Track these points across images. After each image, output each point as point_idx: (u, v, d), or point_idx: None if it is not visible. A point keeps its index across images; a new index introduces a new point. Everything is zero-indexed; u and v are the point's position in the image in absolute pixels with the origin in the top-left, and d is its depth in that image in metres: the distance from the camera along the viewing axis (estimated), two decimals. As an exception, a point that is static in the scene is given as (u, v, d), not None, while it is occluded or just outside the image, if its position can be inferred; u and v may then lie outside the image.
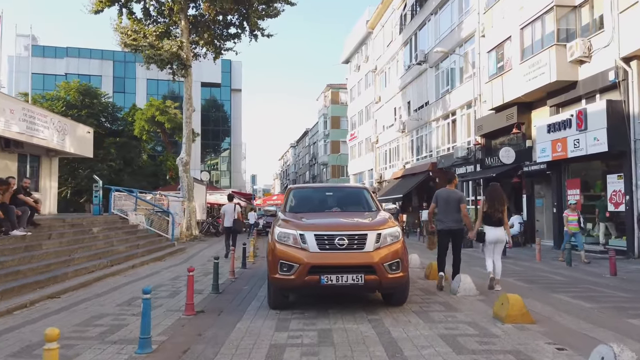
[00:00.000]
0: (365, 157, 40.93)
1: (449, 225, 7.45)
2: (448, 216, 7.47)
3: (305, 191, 7.55)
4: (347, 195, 7.54)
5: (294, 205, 7.15)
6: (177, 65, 22.77)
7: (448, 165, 23.40)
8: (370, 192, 7.39)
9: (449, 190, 7.64)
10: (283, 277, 5.62)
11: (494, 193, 7.46)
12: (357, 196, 7.47)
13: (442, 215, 7.58)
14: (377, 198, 9.26)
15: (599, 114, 12.66)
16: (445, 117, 24.50)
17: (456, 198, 7.52)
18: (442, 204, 7.56)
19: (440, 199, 7.58)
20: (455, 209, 7.48)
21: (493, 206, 7.33)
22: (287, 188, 7.10)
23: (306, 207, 7.10)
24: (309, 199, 7.42)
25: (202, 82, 49.62)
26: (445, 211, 7.53)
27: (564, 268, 10.65)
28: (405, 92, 30.53)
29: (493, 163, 18.57)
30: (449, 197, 7.51)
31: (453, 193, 7.61)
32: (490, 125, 18.81)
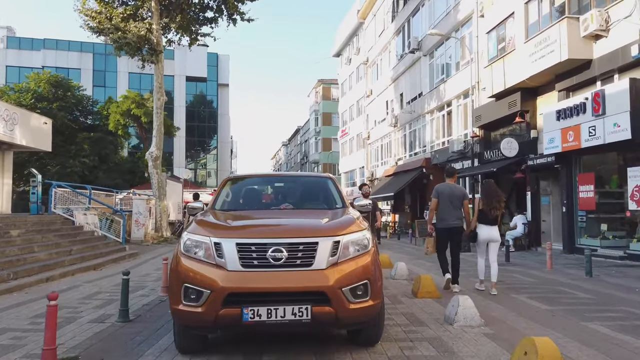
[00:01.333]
0: (356, 154, 38.99)
1: (450, 223, 6.96)
2: (450, 213, 6.97)
3: (247, 182, 5.58)
4: (304, 188, 5.55)
5: (229, 200, 5.17)
6: (146, 51, 20.80)
7: (443, 161, 21.48)
8: (336, 182, 5.42)
9: (452, 185, 7.11)
10: (187, 309, 3.65)
11: (490, 190, 7.10)
12: (318, 188, 5.49)
13: (444, 212, 7.01)
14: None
15: (620, 96, 10.75)
16: (440, 108, 22.59)
17: (459, 194, 7.04)
18: (444, 200, 6.98)
19: (443, 194, 6.99)
20: (458, 205, 6.99)
21: (490, 204, 6.90)
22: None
23: (245, 203, 5.12)
24: (251, 192, 5.42)
25: (187, 77, 47.56)
26: (447, 208, 6.97)
27: (583, 279, 8.71)
28: (397, 83, 28.62)
29: (493, 157, 16.66)
30: (452, 192, 6.98)
31: (456, 188, 7.10)
32: (489, 114, 16.89)
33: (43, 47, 45.06)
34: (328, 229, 3.93)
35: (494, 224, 7.01)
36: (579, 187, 12.91)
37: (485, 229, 6.98)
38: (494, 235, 7.01)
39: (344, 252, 3.79)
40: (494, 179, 17.76)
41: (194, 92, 49.06)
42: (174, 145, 46.81)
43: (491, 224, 6.99)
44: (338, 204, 5.06)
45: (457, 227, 7.03)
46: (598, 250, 11.89)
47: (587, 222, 12.98)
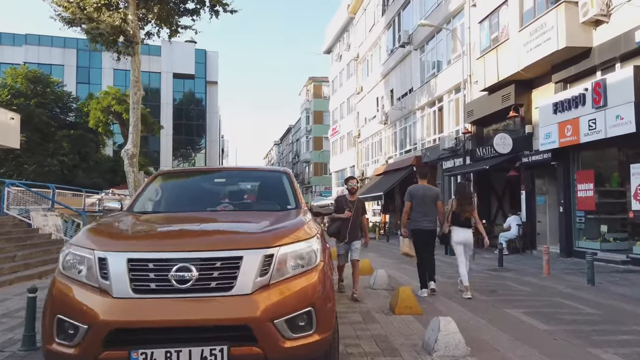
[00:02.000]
0: (347, 153, 38.03)
1: (423, 225, 6.84)
2: (423, 215, 6.86)
3: (182, 177, 4.56)
4: (252, 185, 4.55)
5: (155, 200, 4.15)
6: (122, 43, 19.71)
7: (434, 159, 20.57)
8: (292, 178, 4.42)
9: (425, 187, 7.03)
10: (60, 349, 2.64)
11: (462, 191, 7.12)
12: (269, 185, 4.49)
13: (417, 214, 6.87)
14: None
15: (623, 85, 9.84)
16: (431, 104, 21.66)
17: (433, 195, 6.92)
18: (418, 202, 6.89)
19: (416, 196, 6.90)
20: (432, 207, 6.89)
21: (462, 205, 6.87)
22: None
23: (173, 203, 4.11)
24: (184, 190, 4.39)
25: (175, 73, 46.41)
26: (420, 210, 6.86)
27: (585, 288, 7.78)
28: (387, 79, 27.68)
29: (485, 154, 15.73)
30: (425, 194, 6.90)
31: (429, 190, 7.00)
32: (482, 109, 15.97)
33: (25, 42, 43.75)
34: (259, 238, 2.93)
35: (468, 226, 6.95)
36: (577, 185, 12.00)
37: (460, 231, 6.89)
38: (466, 237, 6.93)
39: (279, 269, 2.81)
40: (485, 176, 16.90)
41: (182, 89, 47.91)
42: (161, 143, 45.66)
43: (465, 226, 6.92)
44: (291, 204, 4.06)
45: (431, 230, 6.91)
46: (598, 253, 10.98)
47: (586, 223, 12.08)
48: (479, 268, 10.66)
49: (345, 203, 6.84)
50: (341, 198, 6.99)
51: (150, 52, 46.27)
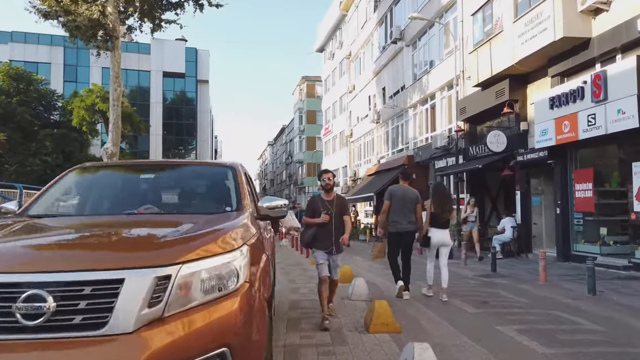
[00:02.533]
0: (339, 153, 37.30)
1: (402, 227, 6.74)
2: (403, 217, 6.77)
3: (101, 173, 3.76)
4: (187, 182, 3.74)
5: (64, 200, 3.38)
6: (101, 37, 18.90)
7: (426, 158, 19.85)
8: (240, 174, 3.65)
9: (405, 188, 6.95)
10: None
11: (441, 193, 7.11)
12: (206, 183, 3.71)
13: (396, 215, 6.78)
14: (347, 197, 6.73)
15: (625, 77, 9.12)
16: (424, 102, 20.94)
17: (413, 197, 6.84)
18: (397, 203, 6.77)
19: (396, 197, 6.80)
20: (411, 209, 6.80)
21: (441, 207, 6.84)
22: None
23: (82, 205, 3.33)
24: (100, 188, 3.57)
25: (165, 72, 45.47)
26: (399, 211, 6.76)
27: (585, 298, 7.04)
28: (380, 77, 26.96)
29: (479, 153, 15.01)
30: (406, 195, 6.82)
31: (409, 192, 6.89)
32: (475, 106, 15.25)
33: (10, 40, 42.76)
34: (151, 253, 2.16)
35: (445, 227, 6.93)
36: (575, 185, 11.29)
37: (437, 232, 6.82)
38: (446, 239, 6.91)
39: (180, 295, 2.05)
40: (478, 176, 16.17)
41: (172, 88, 46.99)
42: (150, 143, 44.75)
43: (443, 228, 6.88)
44: (231, 206, 3.29)
45: (409, 231, 6.80)
46: (598, 258, 10.25)
47: (585, 225, 11.37)
48: (471, 274, 9.93)
49: (321, 204, 5.42)
50: (316, 199, 5.56)
51: (139, 50, 45.46)
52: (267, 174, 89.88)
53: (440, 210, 6.80)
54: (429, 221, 6.88)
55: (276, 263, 12.52)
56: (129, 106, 30.31)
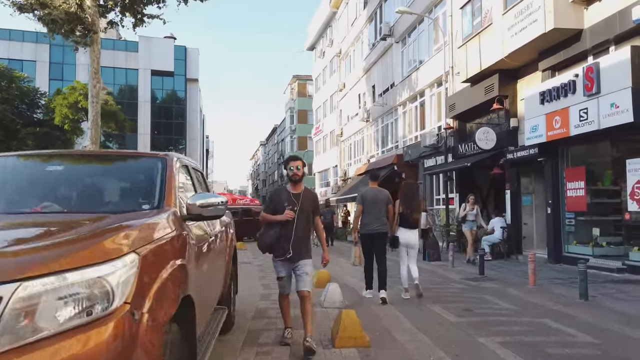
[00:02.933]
0: (330, 153, 36.77)
1: (373, 229, 6.70)
2: (374, 219, 6.72)
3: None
4: (101, 175, 3.12)
5: None
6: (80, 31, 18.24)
7: (415, 157, 19.37)
8: (172, 166, 3.08)
9: (376, 190, 6.93)
10: None
11: (410, 192, 7.06)
12: (126, 177, 3.13)
13: (368, 218, 6.74)
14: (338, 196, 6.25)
15: (619, 69, 8.64)
16: (413, 99, 20.45)
17: (384, 199, 6.78)
18: (369, 205, 6.73)
19: (367, 200, 6.77)
20: (383, 210, 6.75)
21: (410, 206, 6.84)
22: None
23: None
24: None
25: (153, 70, 44.73)
26: (371, 213, 6.73)
27: (577, 304, 6.53)
28: (369, 75, 26.47)
29: (468, 151, 14.52)
30: (376, 197, 6.78)
31: (380, 193, 6.86)
32: (464, 102, 14.77)
33: (-6, 37, 41.87)
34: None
35: (414, 227, 6.92)
36: (566, 184, 10.82)
37: (405, 233, 6.83)
38: (411, 239, 6.90)
39: (22, 324, 1.48)
40: (467, 175, 15.69)
41: (161, 87, 46.24)
42: (138, 142, 43.97)
43: (411, 228, 6.88)
44: (151, 203, 2.73)
45: (381, 233, 6.71)
46: (590, 260, 9.78)
47: (576, 225, 10.90)
48: (458, 277, 9.41)
49: (286, 198, 4.39)
50: (279, 191, 4.53)
51: (127, 48, 44.72)
52: (260, 174, 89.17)
53: (408, 210, 6.81)
54: (397, 221, 6.89)
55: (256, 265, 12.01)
56: (113, 104, 29.59)
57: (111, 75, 44.01)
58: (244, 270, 10.73)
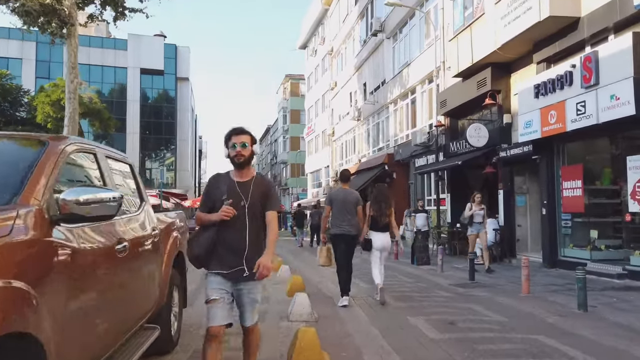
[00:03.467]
0: (322, 152, 36.08)
1: (344, 230, 6.50)
2: (343, 220, 6.52)
3: None
4: None
5: None
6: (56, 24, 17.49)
7: (406, 156, 18.70)
8: (56, 153, 2.36)
9: (346, 191, 6.75)
10: None
11: (380, 195, 6.90)
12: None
13: (337, 219, 6.58)
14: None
15: (619, 57, 7.98)
16: (404, 96, 19.78)
17: (353, 200, 6.60)
18: (338, 206, 6.59)
19: (336, 201, 6.63)
20: (352, 212, 6.56)
21: (380, 209, 6.71)
22: None
23: None
24: None
25: (142, 69, 43.88)
26: (340, 215, 6.56)
27: (575, 316, 5.84)
28: (361, 72, 25.80)
29: (460, 149, 13.85)
30: (346, 198, 6.60)
31: (350, 194, 6.70)
32: (456, 98, 14.10)
33: (-21, 34, 40.93)
34: None
35: (385, 230, 6.79)
36: (562, 183, 10.15)
37: (378, 236, 6.73)
38: (383, 242, 6.76)
39: None
40: (459, 174, 15.03)
41: (150, 85, 45.40)
42: (127, 142, 43.12)
43: (383, 231, 6.77)
44: (3, 197, 2.01)
45: (350, 235, 6.53)
46: (588, 264, 9.13)
47: (573, 227, 10.24)
48: (446, 283, 8.71)
49: (228, 189, 3.03)
50: (218, 179, 3.15)
51: (116, 46, 43.91)
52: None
53: (379, 213, 6.71)
54: (368, 224, 6.78)
55: None
56: (98, 102, 28.76)
57: (99, 74, 43.17)
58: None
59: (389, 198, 6.95)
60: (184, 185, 45.76)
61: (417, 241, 12.17)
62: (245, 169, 3.05)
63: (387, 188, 7.50)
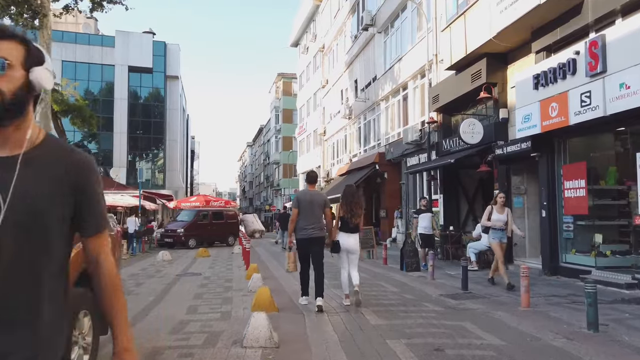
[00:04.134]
0: (313, 152, 35.20)
1: (310, 233, 6.36)
2: (310, 223, 6.40)
3: None
4: None
5: None
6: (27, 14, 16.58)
7: (398, 155, 17.83)
8: None
9: (312, 192, 6.63)
10: None
11: (350, 195, 6.70)
12: None
13: (304, 222, 6.42)
14: None
15: (629, 41, 7.12)
16: (395, 93, 18.92)
17: (320, 201, 6.52)
18: (304, 208, 6.42)
19: (303, 203, 6.45)
20: (319, 214, 6.48)
21: (350, 210, 6.54)
22: None
23: None
24: None
25: (130, 66, 42.82)
26: (307, 217, 6.42)
27: (584, 337, 4.95)
28: (352, 68, 24.93)
29: (453, 146, 13.00)
30: (313, 200, 6.47)
31: (316, 195, 6.63)
32: (449, 92, 13.23)
33: (-38, 30, 39.80)
34: None
35: (354, 232, 6.63)
36: (564, 183, 9.27)
37: (345, 237, 6.53)
38: (352, 244, 6.56)
39: None
40: (453, 174, 14.16)
41: (139, 84, 44.32)
42: (114, 141, 42.11)
43: (352, 232, 6.59)
44: None
45: (318, 237, 6.44)
46: (592, 272, 8.27)
47: (576, 231, 9.36)
48: (436, 293, 7.82)
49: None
50: None
51: (103, 43, 42.87)
52: (247, 176, 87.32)
53: (349, 214, 6.55)
54: (337, 226, 6.63)
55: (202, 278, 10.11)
56: (79, 99, 27.71)
57: (86, 71, 42.11)
58: (183, 285, 9.09)
59: (359, 198, 6.80)
60: (173, 186, 44.70)
61: (406, 245, 11.28)
62: (11, 129, 1.27)
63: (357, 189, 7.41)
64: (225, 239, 21.42)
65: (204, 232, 20.63)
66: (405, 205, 17.30)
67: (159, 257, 13.81)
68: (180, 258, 14.87)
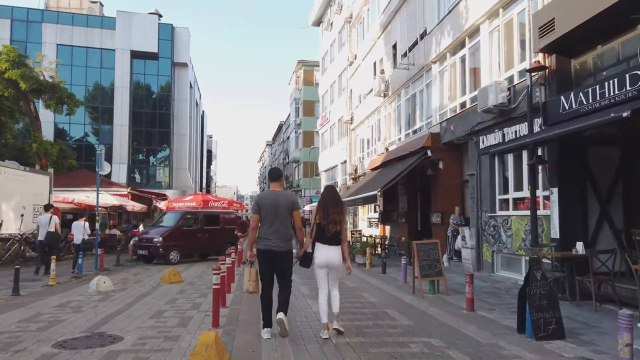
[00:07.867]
0: (337, 146, 29.74)
1: (273, 245, 5.09)
2: (274, 232, 5.14)
3: None
4: None
5: None
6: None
7: (463, 134, 12.24)
8: None
9: (276, 193, 5.30)
10: None
11: (328, 197, 5.35)
12: None
13: (265, 230, 5.16)
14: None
15: None
16: (458, 46, 13.31)
17: (286, 204, 5.20)
18: (266, 213, 5.15)
19: (264, 206, 5.18)
20: (286, 221, 5.19)
21: (327, 216, 5.13)
22: None
23: None
24: None
25: (132, 51, 38.34)
26: (269, 224, 5.15)
27: None
28: (389, 31, 19.41)
29: (584, 105, 7.32)
30: (277, 203, 5.16)
31: (282, 197, 5.27)
32: (573, 13, 7.56)
33: (-52, 11, 36.02)
34: None
35: (334, 243, 5.16)
36: None
37: (322, 250, 5.13)
38: (332, 258, 5.12)
39: None
40: (574, 154, 8.20)
41: (143, 71, 39.75)
42: (114, 134, 37.60)
43: (330, 243, 5.14)
44: None
45: (282, 252, 5.09)
46: None
47: None
48: None
49: None
50: None
51: (102, 25, 38.53)
52: (266, 177, 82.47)
53: (326, 220, 5.12)
54: (312, 234, 5.21)
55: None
56: (55, 76, 22.97)
57: (83, 56, 37.77)
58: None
59: (339, 202, 5.37)
60: (181, 186, 39.88)
61: (534, 282, 5.66)
62: None
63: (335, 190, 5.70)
64: (223, 250, 15.99)
65: (191, 241, 15.35)
66: (476, 207, 11.64)
67: (92, 285, 8.54)
68: (133, 286, 9.60)
